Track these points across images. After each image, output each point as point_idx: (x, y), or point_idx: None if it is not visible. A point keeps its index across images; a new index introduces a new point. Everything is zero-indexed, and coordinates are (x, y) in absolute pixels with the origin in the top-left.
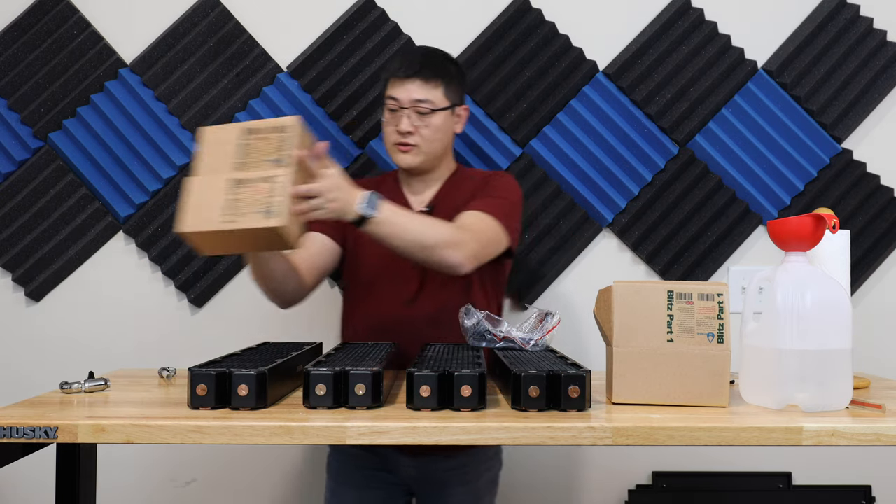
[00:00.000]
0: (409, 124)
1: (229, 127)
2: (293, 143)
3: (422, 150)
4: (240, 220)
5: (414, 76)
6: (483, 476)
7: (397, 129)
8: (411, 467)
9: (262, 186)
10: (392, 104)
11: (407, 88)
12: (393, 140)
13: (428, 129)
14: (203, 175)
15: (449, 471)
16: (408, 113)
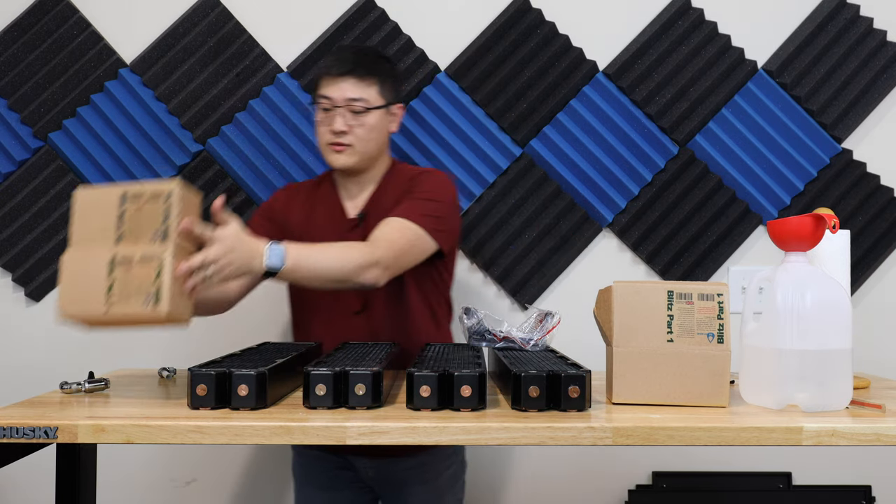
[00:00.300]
0: (342, 123)
1: (106, 190)
2: (176, 213)
3: (356, 149)
4: (123, 306)
5: (347, 74)
6: (443, 474)
7: (331, 128)
8: (370, 468)
9: (145, 268)
10: (325, 103)
11: (340, 87)
12: (326, 140)
13: (362, 128)
14: (81, 248)
15: (408, 470)
16: (341, 112)
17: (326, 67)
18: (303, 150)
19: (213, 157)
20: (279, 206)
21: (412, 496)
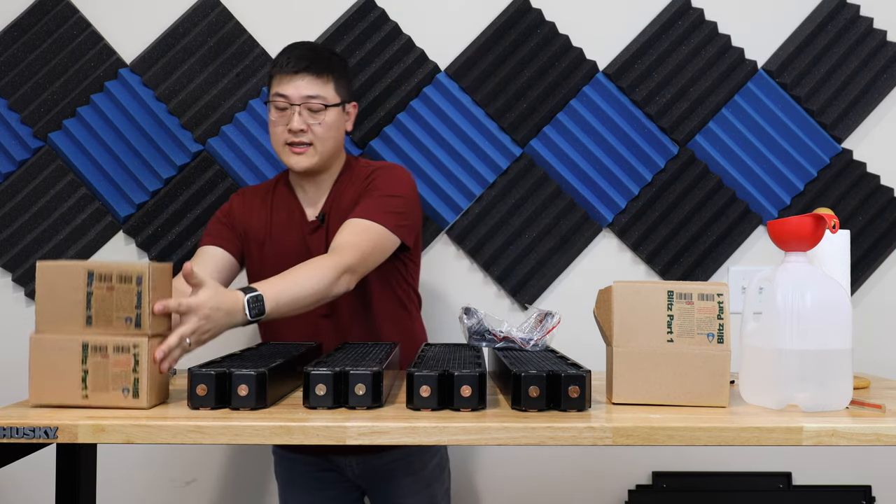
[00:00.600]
0: (301, 122)
1: (70, 266)
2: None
3: (316, 149)
4: (101, 397)
5: (303, 71)
6: (429, 464)
7: (289, 127)
8: (354, 465)
9: (121, 358)
10: (280, 102)
11: (296, 84)
12: (284, 140)
13: (321, 126)
14: (52, 332)
15: (393, 462)
16: (299, 110)
17: (280, 65)
18: None
19: (213, 157)
20: (238, 212)
21: (400, 488)
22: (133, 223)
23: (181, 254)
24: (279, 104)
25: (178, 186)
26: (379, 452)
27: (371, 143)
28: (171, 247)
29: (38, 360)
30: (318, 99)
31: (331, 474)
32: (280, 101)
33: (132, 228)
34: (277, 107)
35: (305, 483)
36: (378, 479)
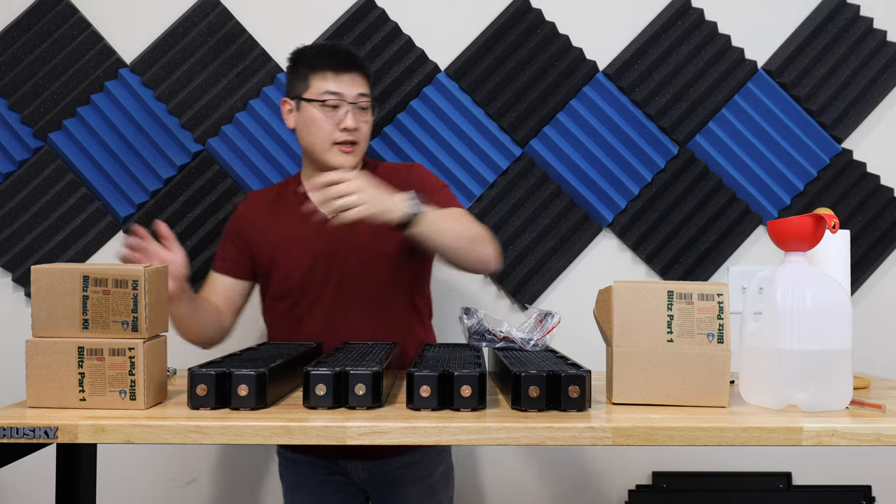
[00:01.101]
0: (354, 120)
1: (65, 270)
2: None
3: (360, 148)
4: (99, 399)
5: (354, 70)
6: (435, 471)
7: (343, 126)
8: (362, 470)
9: (117, 361)
10: (332, 99)
11: (349, 82)
12: (334, 139)
13: (367, 125)
14: (48, 335)
15: (400, 469)
16: (353, 109)
17: (328, 62)
18: None
19: (213, 157)
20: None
21: (407, 495)
22: (133, 223)
23: None
24: (331, 101)
25: (178, 186)
26: (387, 458)
27: (371, 143)
28: None
29: (34, 364)
30: (367, 98)
31: (337, 477)
32: (332, 99)
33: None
34: (328, 104)
35: (311, 485)
36: (384, 485)
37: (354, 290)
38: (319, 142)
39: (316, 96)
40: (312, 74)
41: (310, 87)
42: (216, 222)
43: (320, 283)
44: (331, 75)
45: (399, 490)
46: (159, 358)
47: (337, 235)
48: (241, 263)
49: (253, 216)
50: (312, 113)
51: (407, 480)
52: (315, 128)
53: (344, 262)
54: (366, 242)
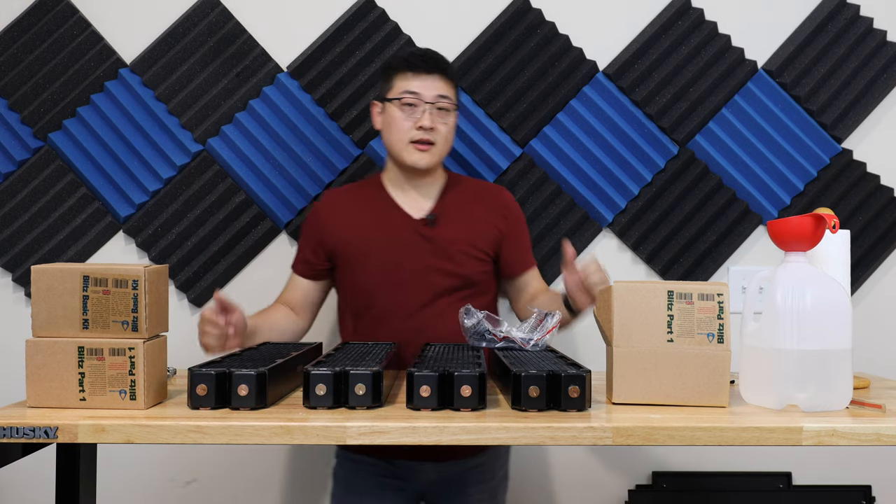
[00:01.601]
0: (431, 120)
1: (65, 270)
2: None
3: (438, 149)
4: (99, 399)
5: (435, 71)
6: (497, 474)
7: (419, 124)
8: (433, 472)
9: (117, 361)
10: (410, 98)
11: (429, 83)
12: (411, 137)
13: (446, 126)
14: (48, 335)
15: (469, 470)
16: (430, 108)
17: (409, 64)
18: (303, 150)
19: (213, 157)
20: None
21: (470, 497)
22: (133, 223)
23: (181, 254)
24: (409, 100)
25: (178, 186)
26: (458, 459)
27: (371, 143)
28: (171, 247)
29: (34, 364)
30: (447, 99)
31: (396, 482)
32: (409, 98)
33: (132, 228)
34: (406, 103)
35: (367, 488)
36: (451, 487)
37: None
38: (396, 139)
39: (396, 95)
40: (395, 75)
41: (392, 88)
42: (216, 222)
43: (398, 284)
44: (411, 75)
45: (465, 492)
46: (159, 358)
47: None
48: (316, 266)
49: (332, 214)
50: (393, 112)
51: (473, 482)
52: (394, 126)
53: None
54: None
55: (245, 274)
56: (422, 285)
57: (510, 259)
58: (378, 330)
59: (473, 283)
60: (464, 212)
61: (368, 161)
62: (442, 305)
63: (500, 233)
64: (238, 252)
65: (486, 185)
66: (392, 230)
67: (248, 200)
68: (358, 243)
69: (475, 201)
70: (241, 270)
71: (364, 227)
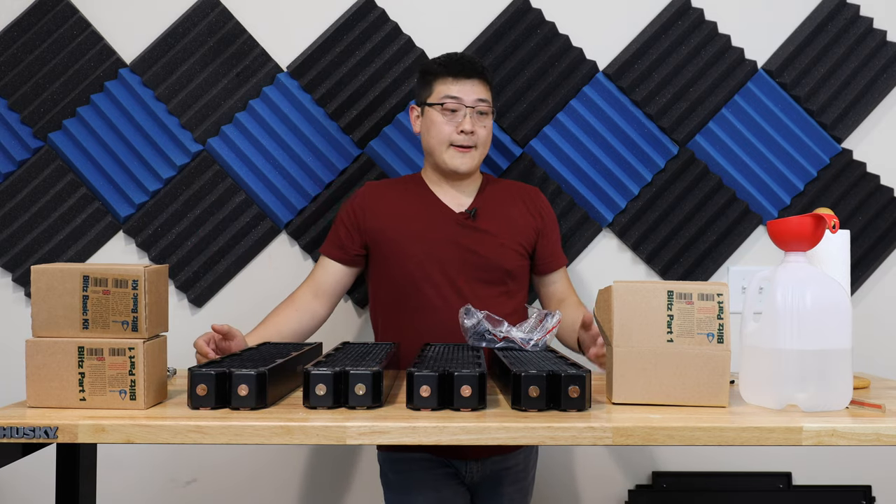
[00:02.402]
0: (471, 124)
1: (65, 270)
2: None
3: (478, 152)
4: (99, 399)
5: (474, 76)
6: (529, 474)
7: (460, 128)
8: (475, 471)
9: (117, 361)
10: (451, 103)
11: (469, 88)
12: (451, 140)
13: (485, 130)
14: (48, 335)
15: (506, 469)
16: (470, 112)
17: (450, 69)
18: (303, 150)
19: (213, 157)
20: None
21: (506, 495)
22: (133, 223)
23: (181, 254)
24: (450, 105)
25: (178, 186)
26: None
27: (371, 143)
28: (171, 247)
29: (34, 364)
30: (486, 103)
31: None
32: (450, 103)
33: (132, 228)
34: (447, 108)
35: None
36: (487, 485)
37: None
38: (438, 143)
39: (437, 100)
40: (435, 80)
41: (432, 93)
42: (216, 222)
43: (438, 276)
44: (451, 80)
45: (498, 490)
46: (159, 358)
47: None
48: (349, 251)
49: (373, 205)
50: (434, 116)
51: (508, 481)
52: (435, 130)
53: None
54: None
55: (245, 274)
56: (462, 277)
57: (544, 256)
58: (415, 322)
59: (512, 277)
60: (502, 208)
61: (368, 161)
62: (481, 298)
63: (537, 230)
64: (238, 252)
65: (521, 184)
66: (434, 222)
67: (248, 200)
68: (398, 233)
69: (512, 198)
70: (241, 270)
71: (405, 217)
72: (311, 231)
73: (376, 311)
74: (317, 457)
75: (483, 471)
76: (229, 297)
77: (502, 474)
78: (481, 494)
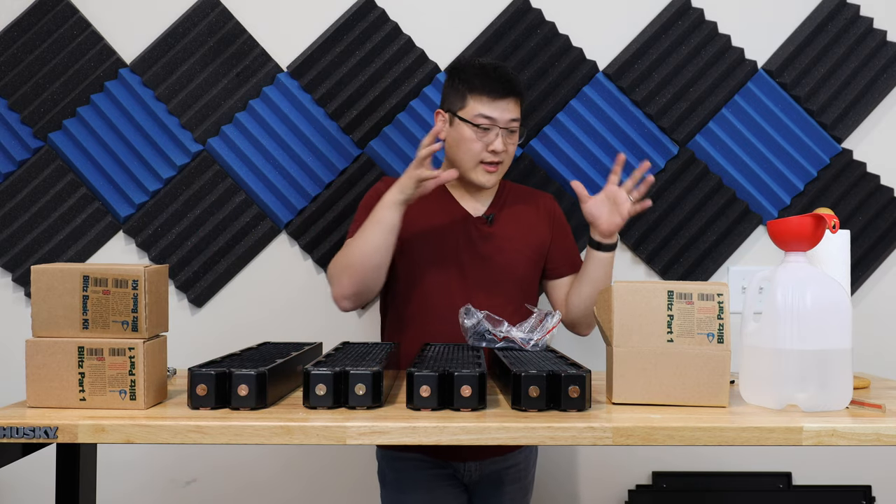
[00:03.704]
0: (503, 144)
1: (65, 270)
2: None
3: (503, 168)
4: (99, 399)
5: (509, 95)
6: (529, 474)
7: (490, 148)
8: (475, 471)
9: (117, 361)
10: (485, 123)
11: (503, 107)
12: (481, 158)
13: (513, 146)
14: (48, 335)
15: (506, 469)
16: (503, 133)
17: (486, 87)
18: (303, 150)
19: (213, 157)
20: None
21: (506, 495)
22: (133, 223)
23: (181, 254)
24: (483, 125)
25: (178, 186)
26: (495, 457)
27: (371, 143)
28: (171, 247)
29: (34, 364)
30: (517, 122)
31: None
32: (485, 122)
33: (132, 228)
34: (481, 127)
35: (423, 483)
36: (487, 486)
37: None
38: (468, 159)
39: (470, 118)
40: (470, 95)
41: (466, 107)
42: (216, 222)
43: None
44: (487, 100)
45: (499, 490)
46: (159, 358)
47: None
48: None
49: None
50: (464, 132)
51: (509, 481)
52: (465, 146)
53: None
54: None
55: (245, 274)
56: (476, 280)
57: (556, 260)
58: (425, 322)
59: (525, 281)
60: (517, 214)
61: (368, 161)
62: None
63: (547, 238)
64: (238, 252)
65: (537, 191)
66: (452, 223)
67: (248, 200)
68: (415, 230)
69: (526, 206)
70: (241, 270)
71: (423, 215)
72: (311, 231)
73: (386, 310)
74: (316, 456)
75: (482, 470)
76: (229, 297)
77: (502, 473)
78: (481, 493)
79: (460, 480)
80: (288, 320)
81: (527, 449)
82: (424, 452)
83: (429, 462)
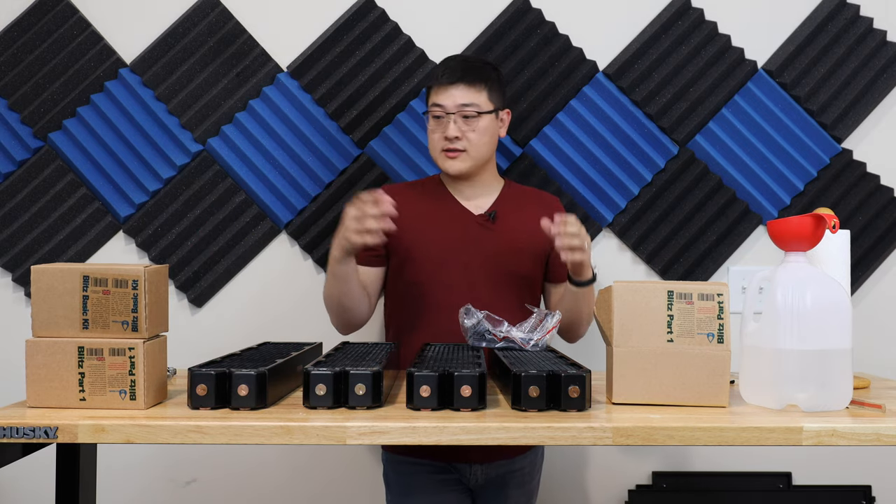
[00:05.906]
0: (456, 129)
1: (65, 270)
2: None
3: (470, 154)
4: (99, 399)
5: (457, 81)
6: (535, 478)
7: (444, 135)
8: (479, 474)
9: (117, 361)
10: (437, 111)
11: (451, 94)
12: (441, 147)
13: (475, 133)
14: (48, 335)
15: (511, 473)
16: (454, 118)
17: (436, 77)
18: (303, 150)
19: (212, 157)
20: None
21: (510, 498)
22: (133, 223)
23: (181, 254)
24: (436, 113)
25: (178, 186)
26: (501, 460)
27: (371, 143)
28: (171, 247)
29: (34, 364)
30: (471, 107)
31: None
32: (437, 111)
33: (132, 228)
34: (434, 116)
35: (427, 486)
36: (492, 489)
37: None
38: (433, 149)
39: (428, 109)
40: (429, 88)
41: (427, 101)
42: (216, 222)
43: (455, 276)
44: (437, 89)
45: (503, 493)
46: (159, 358)
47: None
48: (376, 250)
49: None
50: (429, 124)
51: (514, 485)
52: (429, 137)
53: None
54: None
55: (245, 274)
56: (479, 278)
57: (556, 265)
58: (429, 323)
59: (529, 280)
60: (520, 213)
61: (368, 161)
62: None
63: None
64: (238, 252)
65: (542, 192)
66: (453, 222)
67: (248, 200)
68: (418, 231)
69: (530, 205)
70: (241, 270)
71: (425, 217)
72: (311, 231)
73: (390, 310)
74: (317, 456)
75: (488, 474)
76: (229, 297)
77: (508, 477)
78: (486, 497)
79: (465, 484)
80: (288, 320)
81: (532, 453)
82: (430, 456)
83: (434, 466)
